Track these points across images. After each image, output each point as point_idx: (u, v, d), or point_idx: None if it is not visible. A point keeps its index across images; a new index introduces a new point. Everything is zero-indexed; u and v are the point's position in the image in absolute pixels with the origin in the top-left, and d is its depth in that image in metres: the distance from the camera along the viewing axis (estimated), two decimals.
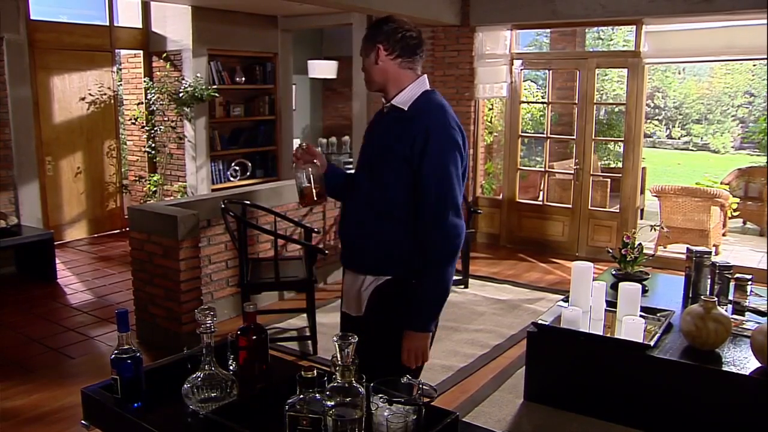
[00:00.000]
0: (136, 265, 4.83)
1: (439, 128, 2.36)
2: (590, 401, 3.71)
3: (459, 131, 2.40)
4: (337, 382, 1.75)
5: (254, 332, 2.05)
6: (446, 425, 1.88)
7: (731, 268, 4.12)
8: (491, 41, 7.48)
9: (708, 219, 7.19)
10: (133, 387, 2.01)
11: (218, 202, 4.81)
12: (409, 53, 2.48)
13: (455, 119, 2.43)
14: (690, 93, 19.53)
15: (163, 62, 8.07)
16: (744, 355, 3.44)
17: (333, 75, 11.06)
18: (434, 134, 2.34)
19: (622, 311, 3.80)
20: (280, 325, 5.11)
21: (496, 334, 4.93)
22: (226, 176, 8.75)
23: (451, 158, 2.35)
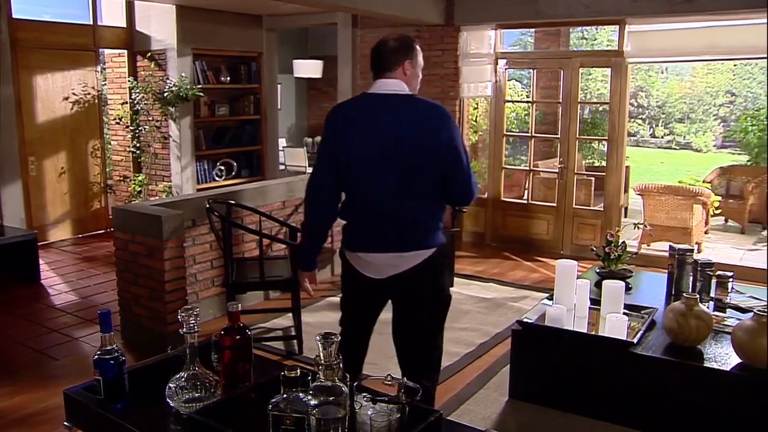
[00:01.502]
0: (120, 265, 4.81)
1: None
2: (575, 398, 3.73)
3: (331, 120, 2.86)
4: (321, 381, 1.76)
5: (238, 332, 2.05)
6: (429, 423, 1.89)
7: (713, 266, 4.16)
8: (476, 41, 7.51)
9: (690, 217, 7.26)
10: (116, 388, 2.01)
11: (203, 201, 4.80)
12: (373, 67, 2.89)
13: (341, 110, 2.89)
14: (673, 92, 19.70)
15: (147, 62, 8.04)
16: (725, 351, 3.47)
17: (318, 74, 11.07)
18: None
19: (606, 309, 3.82)
20: (266, 324, 5.10)
21: (481, 332, 4.95)
22: (212, 176, 8.73)
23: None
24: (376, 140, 2.76)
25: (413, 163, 2.75)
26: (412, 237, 2.82)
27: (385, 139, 2.75)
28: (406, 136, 2.74)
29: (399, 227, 2.81)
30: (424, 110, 2.79)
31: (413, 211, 2.81)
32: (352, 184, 2.85)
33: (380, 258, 2.84)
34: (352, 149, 2.78)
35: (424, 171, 2.76)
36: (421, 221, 2.84)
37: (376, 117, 2.79)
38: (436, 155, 2.74)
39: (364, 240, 2.87)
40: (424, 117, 2.77)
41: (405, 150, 2.74)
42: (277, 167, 9.55)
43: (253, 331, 4.85)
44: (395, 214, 2.80)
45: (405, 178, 2.76)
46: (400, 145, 2.74)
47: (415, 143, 2.74)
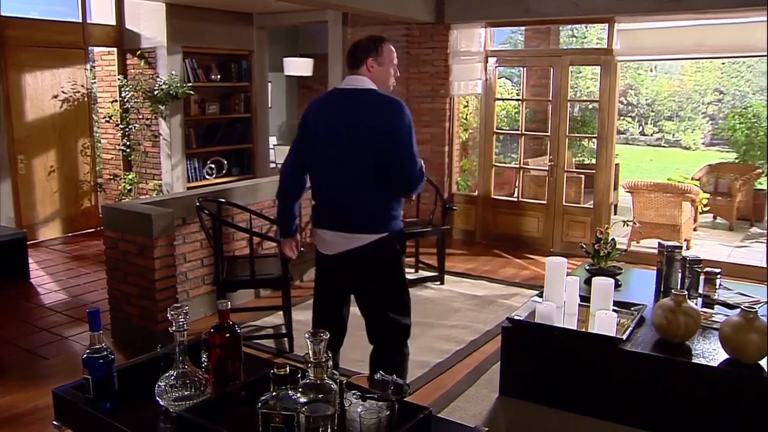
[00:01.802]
0: (110, 263, 4.80)
1: None
2: (564, 395, 3.74)
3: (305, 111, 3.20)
4: (310, 378, 1.77)
5: (227, 330, 2.05)
6: (419, 421, 1.90)
7: (701, 263, 4.19)
8: (466, 39, 7.52)
9: (679, 214, 7.29)
10: (105, 386, 2.00)
11: (193, 200, 4.79)
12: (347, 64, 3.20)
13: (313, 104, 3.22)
14: (662, 90, 19.80)
15: (137, 60, 8.01)
16: (713, 347, 3.49)
17: (309, 72, 11.04)
18: None
19: (596, 306, 3.85)
20: (257, 322, 5.10)
21: (471, 329, 4.97)
22: (202, 174, 8.71)
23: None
24: (332, 130, 3.05)
25: (359, 153, 3.00)
26: (359, 220, 3.09)
27: (339, 129, 3.03)
28: (355, 127, 2.99)
29: (347, 210, 3.10)
30: (376, 104, 3.03)
31: (360, 196, 3.07)
32: (313, 170, 3.19)
33: (331, 235, 3.16)
34: (313, 139, 3.12)
35: (370, 160, 2.99)
36: (368, 207, 3.09)
37: (336, 110, 3.09)
38: (377, 145, 2.97)
39: (321, 218, 3.20)
40: (374, 110, 3.01)
41: (353, 140, 3.00)
42: (267, 165, 9.54)
43: (244, 329, 4.88)
44: (344, 198, 3.10)
45: (353, 166, 3.02)
46: (349, 136, 3.00)
47: (362, 134, 2.98)
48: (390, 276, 3.22)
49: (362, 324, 3.51)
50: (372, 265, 3.15)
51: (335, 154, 3.05)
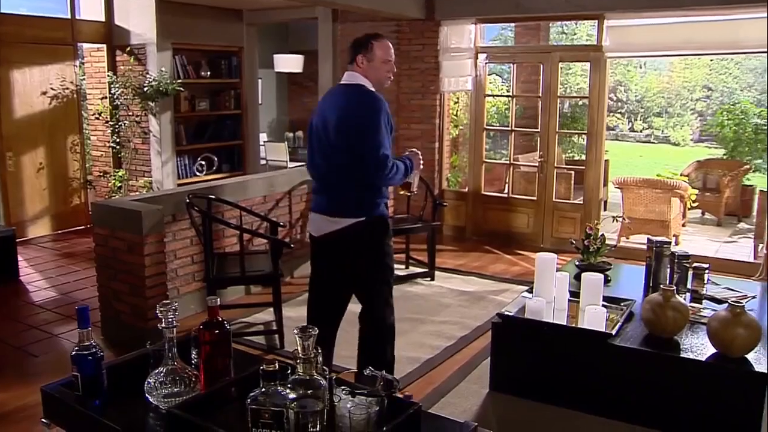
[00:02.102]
0: (100, 261, 4.78)
1: None
2: (554, 390, 3.76)
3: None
4: (299, 374, 1.77)
5: (217, 326, 2.05)
6: (408, 416, 1.91)
7: (689, 258, 4.21)
8: (456, 35, 7.53)
9: (668, 210, 7.33)
10: (94, 384, 2.01)
11: (183, 196, 4.78)
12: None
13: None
14: (651, 87, 19.89)
15: (126, 56, 7.97)
16: (701, 342, 3.52)
17: (299, 69, 11.04)
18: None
19: (585, 301, 3.86)
20: (247, 319, 5.10)
21: (461, 325, 4.98)
22: (192, 171, 8.69)
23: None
24: (321, 122, 3.33)
25: (340, 143, 3.25)
26: (339, 205, 3.31)
27: (326, 121, 3.30)
28: (336, 119, 3.26)
29: (330, 196, 3.35)
30: (356, 98, 3.27)
31: (339, 183, 3.31)
32: (309, 157, 3.48)
33: (317, 218, 3.41)
34: (312, 130, 3.42)
35: (346, 149, 3.24)
36: (347, 193, 3.30)
37: (330, 104, 3.35)
38: (349, 135, 3.21)
39: (313, 202, 3.47)
40: (353, 104, 3.25)
41: (336, 131, 3.26)
42: (258, 162, 9.52)
43: (235, 325, 4.89)
44: (325, 184, 3.38)
45: (335, 155, 3.28)
46: (333, 127, 3.26)
47: (340, 125, 3.24)
48: (367, 260, 3.41)
49: (354, 320, 3.57)
50: (350, 247, 3.35)
51: (322, 143, 3.32)
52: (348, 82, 3.32)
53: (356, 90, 3.28)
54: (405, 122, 7.92)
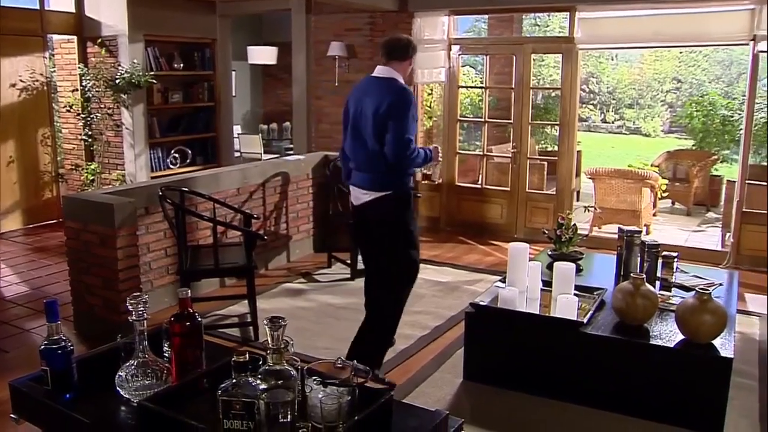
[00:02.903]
0: (72, 254, 4.75)
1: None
2: (527, 378, 3.81)
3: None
4: (269, 365, 1.78)
5: (188, 318, 2.05)
6: (380, 405, 1.92)
7: (659, 247, 4.28)
8: (429, 27, 7.54)
9: (639, 200, 7.42)
10: (64, 378, 1.99)
11: (156, 189, 4.75)
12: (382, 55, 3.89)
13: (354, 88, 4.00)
14: (622, 79, 20.09)
15: (98, 48, 7.87)
16: (670, 329, 3.58)
17: (273, 61, 10.99)
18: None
19: (557, 290, 3.91)
20: (222, 312, 5.09)
21: (436, 315, 5.01)
22: (166, 164, 8.62)
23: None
24: (357, 110, 3.81)
25: (369, 128, 3.72)
26: (368, 181, 3.82)
27: (361, 109, 3.78)
28: (369, 108, 3.71)
29: (363, 173, 3.84)
30: (388, 91, 3.72)
31: (371, 163, 3.77)
32: (346, 139, 3.96)
33: (354, 190, 3.94)
34: (344, 113, 3.95)
35: (370, 133, 3.72)
36: (375, 171, 3.78)
37: (364, 93, 3.83)
38: (376, 122, 3.68)
39: (353, 177, 3.94)
40: (385, 95, 3.69)
41: (367, 119, 3.73)
42: (232, 154, 9.47)
43: (209, 318, 4.88)
44: (360, 164, 3.85)
45: (367, 138, 3.75)
46: (365, 115, 3.74)
47: (372, 113, 3.69)
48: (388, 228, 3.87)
49: (330, 312, 3.63)
50: (375, 217, 3.83)
51: (358, 128, 3.81)
52: (383, 76, 3.81)
53: (392, 83, 3.76)
54: None
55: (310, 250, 6.71)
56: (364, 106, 3.75)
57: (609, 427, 3.46)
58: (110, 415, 1.98)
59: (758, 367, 4.22)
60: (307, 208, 6.60)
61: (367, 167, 3.81)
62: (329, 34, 7.98)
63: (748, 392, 3.85)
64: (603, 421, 3.50)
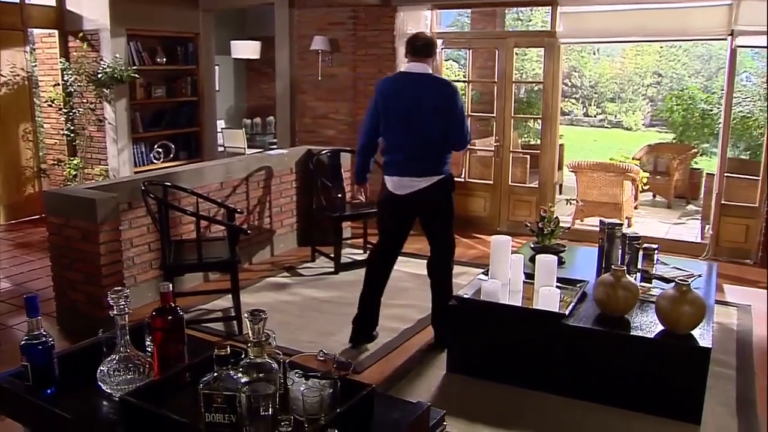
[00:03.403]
0: (54, 250, 4.73)
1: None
2: (510, 370, 3.84)
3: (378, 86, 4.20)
4: (250, 358, 1.79)
5: (170, 313, 2.05)
6: (362, 398, 1.94)
7: (640, 239, 4.33)
8: (412, 21, 7.54)
9: (621, 193, 7.48)
10: (45, 373, 1.99)
11: (139, 184, 4.74)
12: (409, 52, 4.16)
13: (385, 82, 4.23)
14: (604, 73, 20.20)
15: (79, 42, 7.81)
16: (650, 320, 3.62)
17: (256, 55, 10.96)
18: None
19: (540, 282, 3.94)
20: (206, 306, 5.09)
21: (420, 308, 5.02)
22: (149, 158, 8.59)
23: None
24: (403, 102, 4.04)
25: (425, 119, 4.01)
26: (423, 167, 4.07)
27: (408, 102, 4.02)
28: (420, 100, 4.00)
29: (415, 161, 4.07)
30: (437, 85, 4.11)
31: (423, 150, 4.06)
32: (387, 132, 4.14)
33: (399, 180, 4.12)
34: (387, 109, 4.09)
35: (431, 124, 4.02)
36: (429, 157, 4.07)
37: (404, 87, 4.08)
38: (437, 114, 4.00)
39: (394, 168, 4.13)
40: (442, 88, 4.08)
41: (420, 110, 4.00)
42: (215, 149, 9.44)
43: (193, 313, 4.88)
44: (413, 152, 4.07)
45: (420, 129, 4.02)
46: (416, 107, 4.00)
47: (427, 106, 4.00)
48: (444, 206, 4.24)
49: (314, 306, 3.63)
50: (433, 198, 4.15)
51: (406, 119, 4.03)
52: (420, 71, 4.07)
53: (439, 78, 4.22)
54: (362, 108, 7.86)
55: (294, 244, 6.72)
56: (425, 99, 4.00)
57: (590, 417, 3.50)
58: (92, 410, 1.99)
59: (736, 356, 4.28)
60: (290, 202, 6.60)
61: (425, 156, 4.07)
62: (312, 28, 7.97)
63: (726, 381, 3.91)
64: (585, 412, 3.54)
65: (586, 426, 3.43)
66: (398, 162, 4.12)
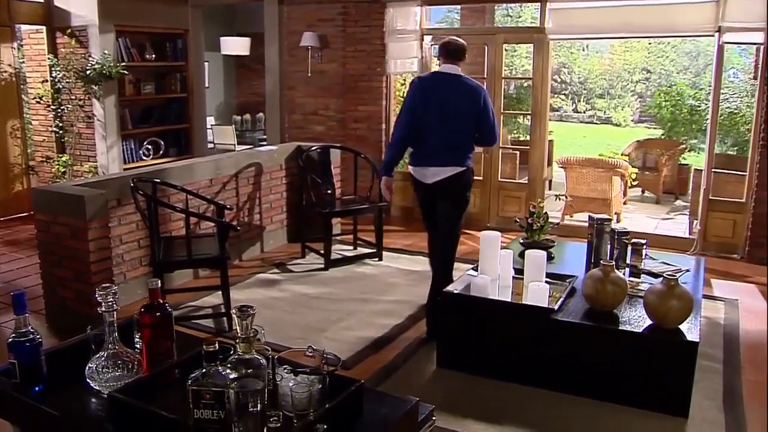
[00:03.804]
0: (43, 247, 4.71)
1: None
2: (500, 365, 3.85)
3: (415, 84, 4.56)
4: (239, 354, 1.79)
5: (158, 309, 2.05)
6: (350, 393, 1.94)
7: (628, 234, 4.35)
8: (402, 17, 7.53)
9: (610, 188, 7.51)
10: (33, 371, 1.98)
11: (128, 180, 4.73)
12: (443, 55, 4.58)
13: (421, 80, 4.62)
14: (593, 69, 20.30)
15: (67, 38, 7.78)
16: (638, 315, 3.65)
17: (246, 52, 10.94)
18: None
19: (529, 278, 3.95)
20: (196, 303, 5.08)
21: (409, 304, 5.04)
22: (139, 155, 8.56)
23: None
24: (437, 101, 4.38)
25: (458, 117, 4.38)
26: (448, 158, 4.41)
27: (442, 100, 4.38)
28: (455, 99, 4.38)
29: (441, 152, 4.42)
30: (467, 86, 4.43)
31: (452, 144, 4.41)
32: (421, 127, 4.45)
33: (427, 170, 4.48)
34: (423, 105, 4.42)
35: (462, 122, 4.40)
36: (456, 151, 4.42)
37: (439, 87, 4.44)
38: (473, 116, 4.39)
39: (423, 159, 4.50)
40: (476, 90, 4.41)
41: (454, 109, 4.38)
42: (205, 145, 9.42)
43: (183, 309, 4.88)
44: (444, 145, 4.41)
45: (450, 126, 4.38)
46: (451, 106, 4.37)
47: (461, 105, 4.37)
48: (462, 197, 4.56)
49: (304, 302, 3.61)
50: (455, 187, 4.47)
51: (436, 115, 4.38)
52: (455, 73, 4.47)
53: (466, 80, 4.47)
54: (352, 104, 7.92)
55: (284, 240, 6.72)
56: (456, 98, 4.40)
57: (579, 411, 3.52)
58: (80, 408, 1.98)
59: (723, 350, 4.31)
60: (280, 198, 6.60)
61: (454, 148, 4.44)
62: (302, 24, 7.95)
63: (713, 375, 3.94)
64: (574, 406, 3.56)
65: (575, 420, 3.45)
66: (427, 153, 4.50)
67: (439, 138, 4.45)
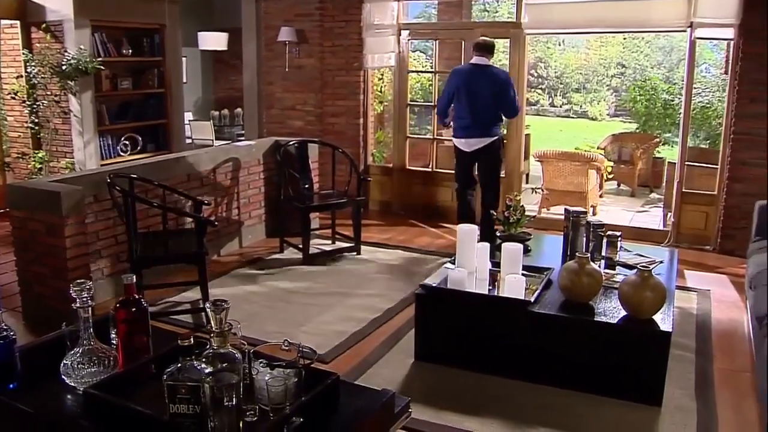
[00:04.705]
0: (18, 244, 4.67)
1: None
2: (477, 357, 3.89)
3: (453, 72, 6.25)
4: (214, 348, 1.80)
5: (134, 304, 2.05)
6: (326, 386, 1.96)
7: (603, 227, 4.40)
8: (379, 12, 7.54)
9: (586, 182, 7.58)
10: (7, 368, 1.98)
11: (104, 176, 4.70)
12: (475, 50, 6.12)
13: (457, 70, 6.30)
14: (569, 64, 20.43)
15: (42, 33, 7.69)
16: (613, 306, 3.69)
17: (224, 47, 10.89)
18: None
19: (506, 270, 3.99)
20: (174, 298, 5.07)
21: (387, 297, 5.06)
22: (116, 151, 8.49)
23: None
24: (474, 85, 5.91)
25: (483, 97, 5.88)
26: (485, 130, 5.97)
27: (477, 85, 5.89)
28: (487, 86, 5.89)
29: (480, 126, 5.97)
30: (498, 75, 5.99)
31: (485, 119, 5.95)
32: (460, 104, 6.00)
33: (466, 141, 6.06)
34: (460, 88, 5.98)
35: (488, 101, 5.89)
36: (489, 124, 5.97)
37: (474, 74, 5.96)
38: (492, 94, 5.89)
39: (462, 131, 6.07)
40: (493, 76, 5.94)
41: (485, 91, 5.89)
42: (183, 141, 9.37)
43: (162, 305, 4.87)
44: (478, 120, 5.96)
45: (485, 103, 5.89)
46: (484, 89, 5.89)
47: (491, 89, 5.89)
48: (496, 158, 6.17)
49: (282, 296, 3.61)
50: (489, 152, 6.04)
51: (471, 96, 5.91)
52: (484, 63, 5.98)
53: (496, 69, 6.05)
54: (330, 99, 7.93)
55: (263, 235, 6.71)
56: (485, 84, 5.87)
57: (556, 401, 3.56)
58: (55, 404, 1.98)
59: (695, 339, 4.38)
60: (258, 193, 6.59)
61: (486, 122, 5.93)
62: (279, 19, 7.93)
63: (686, 364, 4.00)
64: (550, 396, 3.60)
65: (552, 411, 3.49)
66: (465, 126, 6.00)
67: (473, 114, 5.92)
